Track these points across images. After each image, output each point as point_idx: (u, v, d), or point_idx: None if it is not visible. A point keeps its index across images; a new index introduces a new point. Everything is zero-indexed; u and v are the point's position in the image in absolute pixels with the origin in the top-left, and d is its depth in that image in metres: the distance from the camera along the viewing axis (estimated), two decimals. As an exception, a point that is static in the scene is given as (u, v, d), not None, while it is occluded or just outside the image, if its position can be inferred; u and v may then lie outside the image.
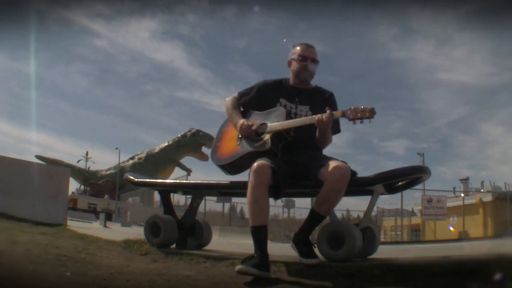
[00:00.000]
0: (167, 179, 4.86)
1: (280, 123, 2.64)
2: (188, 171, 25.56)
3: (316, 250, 2.55)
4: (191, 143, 26.07)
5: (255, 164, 2.45)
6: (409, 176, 2.81)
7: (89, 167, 30.76)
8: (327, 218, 2.71)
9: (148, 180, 3.66)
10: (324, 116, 2.51)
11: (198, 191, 3.35)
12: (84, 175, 27.51)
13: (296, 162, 2.66)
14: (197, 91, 61.78)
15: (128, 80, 54.90)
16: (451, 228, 17.54)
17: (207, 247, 3.37)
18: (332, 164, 2.47)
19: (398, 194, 14.09)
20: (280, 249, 3.32)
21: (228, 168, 2.83)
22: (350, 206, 23.03)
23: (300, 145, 2.71)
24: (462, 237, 14.88)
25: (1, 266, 2.37)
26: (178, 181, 4.19)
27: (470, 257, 3.07)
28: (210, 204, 19.32)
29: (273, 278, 2.31)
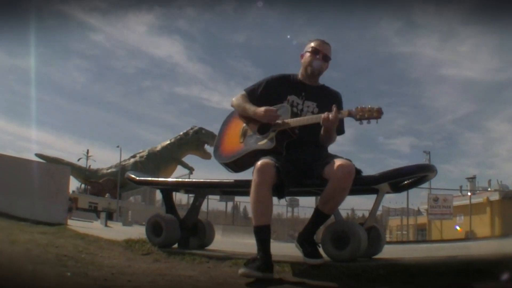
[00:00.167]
0: (169, 178, 4.84)
1: (293, 120, 2.61)
2: (191, 170, 25.64)
3: (321, 250, 2.53)
4: (194, 141, 26.11)
5: (259, 163, 2.43)
6: (415, 175, 2.78)
7: (90, 166, 30.90)
8: (332, 218, 2.69)
9: (150, 179, 3.64)
10: (331, 115, 2.48)
11: (201, 190, 3.34)
12: (85, 174, 27.60)
13: (300, 161, 2.63)
14: (197, 87, 61.91)
15: (127, 76, 55.12)
16: (458, 228, 17.50)
17: (210, 247, 3.36)
18: (337, 163, 2.44)
19: (404, 193, 14.17)
20: (284, 249, 3.32)
21: (233, 166, 2.81)
22: (355, 205, 23.06)
23: (305, 143, 2.68)
24: (469, 237, 14.87)
25: (1, 266, 2.36)
26: (180, 180, 4.16)
27: (477, 257, 3.06)
28: (213, 203, 19.39)
29: (277, 279, 2.29)
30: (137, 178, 3.52)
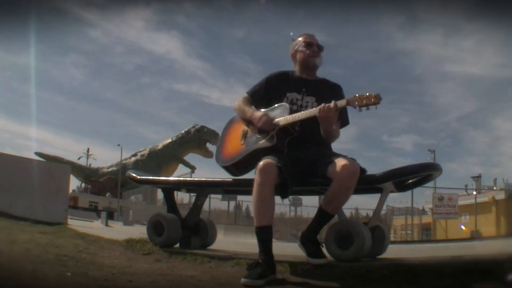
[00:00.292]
0: (171, 177, 4.83)
1: (284, 118, 2.60)
2: (192, 168, 25.68)
3: (324, 250, 2.51)
4: (195, 140, 26.15)
5: (261, 163, 2.41)
6: (420, 174, 2.76)
7: (90, 164, 30.93)
8: (336, 217, 2.67)
9: (151, 178, 3.63)
10: (326, 106, 2.45)
11: (203, 189, 3.32)
12: (85, 173, 27.67)
13: (303, 159, 2.61)
14: (196, 84, 61.62)
15: (125, 73, 54.71)
16: (463, 227, 17.46)
17: (212, 247, 3.34)
18: (341, 161, 2.42)
19: (408, 192, 14.16)
20: (287, 249, 3.32)
21: (233, 169, 2.81)
22: (359, 204, 23.12)
23: (307, 141, 2.66)
24: (474, 236, 14.85)
25: (1, 266, 2.35)
26: (182, 179, 4.14)
27: (483, 257, 3.03)
28: (215, 202, 19.36)
29: (280, 279, 2.27)
30: (138, 177, 3.51)
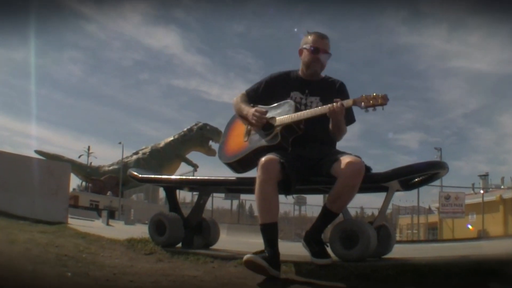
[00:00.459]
0: (173, 175, 4.82)
1: (290, 116, 2.59)
2: (195, 167, 25.72)
3: (329, 250, 2.51)
4: (198, 138, 26.16)
5: (263, 159, 2.40)
6: (426, 172, 2.74)
7: (91, 163, 30.92)
8: (340, 216, 2.67)
9: (153, 176, 3.61)
10: (336, 106, 2.45)
11: (205, 188, 3.30)
12: (86, 171, 27.70)
13: (308, 157, 2.60)
14: (195, 79, 61.18)
15: (123, 68, 54.29)
16: (470, 226, 17.48)
17: (215, 246, 3.33)
18: (346, 159, 2.41)
19: (415, 191, 14.13)
20: (291, 248, 3.30)
21: (236, 166, 2.79)
22: (364, 203, 23.12)
23: (312, 139, 2.65)
24: (482, 236, 14.86)
25: (0, 266, 2.34)
26: (184, 177, 4.14)
27: (490, 257, 3.02)
28: (218, 201, 19.42)
29: (284, 279, 2.26)
30: (140, 176, 3.50)
